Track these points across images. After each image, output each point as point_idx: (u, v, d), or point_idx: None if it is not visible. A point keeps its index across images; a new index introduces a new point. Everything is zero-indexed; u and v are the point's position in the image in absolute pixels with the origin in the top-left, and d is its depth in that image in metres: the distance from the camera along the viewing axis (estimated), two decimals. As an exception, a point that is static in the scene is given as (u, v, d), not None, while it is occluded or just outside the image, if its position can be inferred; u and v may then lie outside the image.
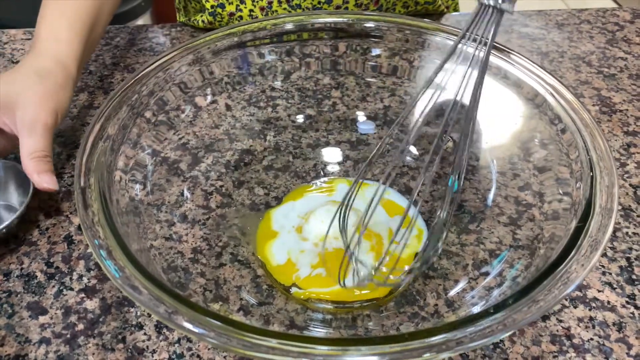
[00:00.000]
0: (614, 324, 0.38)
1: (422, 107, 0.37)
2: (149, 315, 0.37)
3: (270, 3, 0.62)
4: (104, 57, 0.62)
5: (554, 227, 0.34)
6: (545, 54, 0.64)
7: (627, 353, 0.36)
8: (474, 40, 0.33)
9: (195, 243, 0.39)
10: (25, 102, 0.42)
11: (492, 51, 0.42)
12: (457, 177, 0.35)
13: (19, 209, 0.41)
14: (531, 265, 0.33)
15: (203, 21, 0.66)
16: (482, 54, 0.33)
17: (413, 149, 0.47)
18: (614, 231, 0.44)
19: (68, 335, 0.36)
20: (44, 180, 0.41)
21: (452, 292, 0.36)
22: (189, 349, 0.36)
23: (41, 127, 0.42)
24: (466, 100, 0.36)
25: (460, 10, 0.74)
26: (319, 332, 0.35)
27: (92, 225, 0.29)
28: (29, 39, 0.65)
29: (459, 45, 0.33)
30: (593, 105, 0.57)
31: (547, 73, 0.40)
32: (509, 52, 0.42)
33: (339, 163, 0.48)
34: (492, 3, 0.31)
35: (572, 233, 0.30)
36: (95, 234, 0.29)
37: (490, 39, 0.32)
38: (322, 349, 0.25)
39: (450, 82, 0.43)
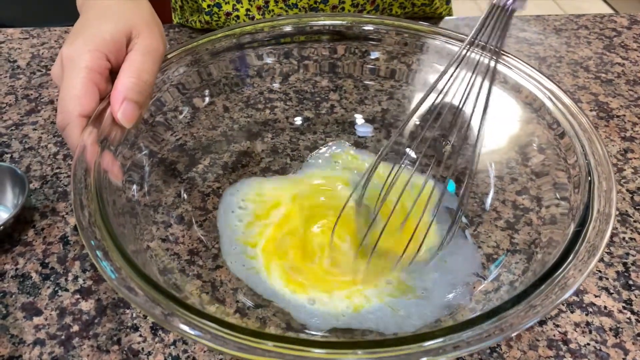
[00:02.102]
0: (610, 329, 0.38)
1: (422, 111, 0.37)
2: (145, 317, 0.37)
3: (267, 2, 0.62)
4: (101, 57, 0.62)
5: (552, 232, 0.34)
6: (543, 58, 0.64)
7: (623, 358, 0.36)
8: (482, 47, 0.33)
9: (192, 245, 0.39)
10: (147, 30, 0.38)
11: (490, 55, 0.42)
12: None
13: (14, 209, 0.41)
14: (528, 270, 0.33)
15: (200, 21, 0.66)
16: (492, 63, 0.33)
17: (412, 153, 0.47)
18: (611, 236, 0.44)
19: (63, 337, 0.36)
20: (123, 109, 0.34)
21: (449, 296, 0.36)
22: (185, 351, 0.35)
23: (158, 55, 0.37)
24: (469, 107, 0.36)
25: (454, 15, 0.75)
26: (315, 335, 0.35)
27: (89, 226, 0.29)
28: (27, 38, 0.65)
29: (465, 51, 0.34)
30: (590, 110, 0.57)
31: (546, 77, 0.40)
32: (508, 56, 0.42)
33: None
34: (502, 3, 0.31)
35: (569, 238, 0.30)
36: (92, 234, 0.29)
37: (499, 45, 0.32)
38: (319, 351, 0.25)
39: (453, 87, 0.44)
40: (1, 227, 0.40)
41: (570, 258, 0.28)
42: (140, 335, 0.36)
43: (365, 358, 0.25)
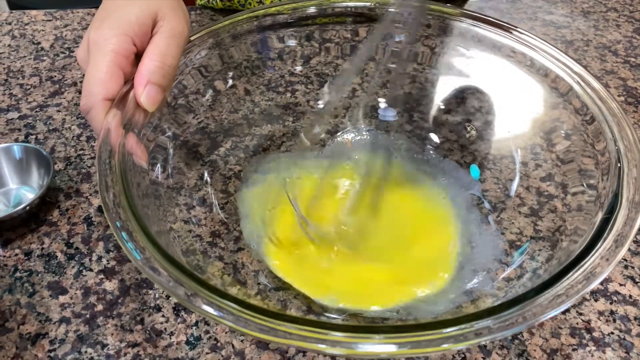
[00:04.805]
0: (635, 319, 0.37)
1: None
2: (167, 298, 0.38)
3: None
4: (123, 39, 0.62)
5: (577, 220, 0.34)
6: (570, 42, 0.63)
7: (647, 348, 0.35)
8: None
9: (214, 227, 0.39)
10: (172, 14, 0.37)
11: (516, 37, 0.42)
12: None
13: (40, 190, 0.42)
14: (553, 258, 0.33)
15: (222, 0, 0.66)
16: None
17: (434, 137, 0.46)
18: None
19: (87, 316, 0.37)
20: (147, 92, 0.35)
21: (470, 283, 0.36)
22: (207, 332, 0.36)
23: (182, 39, 0.37)
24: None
25: None
26: (336, 318, 0.35)
27: (114, 207, 0.29)
28: (50, 20, 0.66)
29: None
30: (619, 95, 0.56)
31: (574, 61, 0.39)
32: (534, 39, 0.41)
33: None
34: None
35: (597, 226, 0.29)
36: (117, 216, 0.29)
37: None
38: (339, 335, 0.25)
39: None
40: (27, 208, 0.41)
41: (597, 247, 0.28)
42: (163, 316, 0.37)
43: (385, 343, 0.25)
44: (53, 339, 0.35)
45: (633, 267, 0.40)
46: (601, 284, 0.39)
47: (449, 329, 0.25)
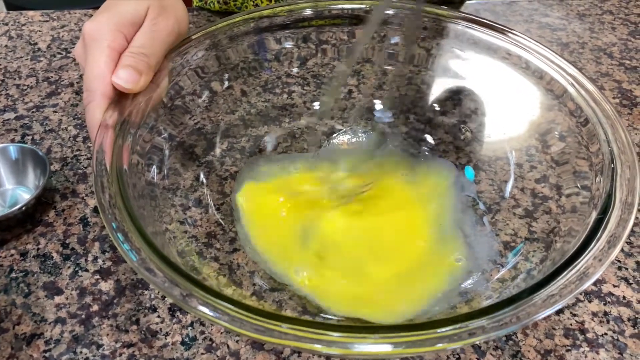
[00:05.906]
0: (629, 320, 0.37)
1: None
2: (163, 298, 0.38)
3: None
4: (120, 40, 0.62)
5: (572, 221, 0.34)
6: (565, 44, 0.63)
7: (641, 349, 0.36)
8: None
9: (210, 228, 0.39)
10: (160, 11, 0.39)
11: (512, 40, 0.42)
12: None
13: (36, 190, 0.42)
14: (547, 259, 0.33)
15: (218, 2, 0.66)
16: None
17: (430, 138, 0.46)
18: (632, 226, 0.43)
19: (83, 316, 0.37)
20: (116, 74, 0.35)
21: (465, 284, 0.36)
22: (202, 332, 0.36)
23: (164, 34, 0.39)
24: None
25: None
26: (331, 318, 0.35)
27: (110, 207, 0.29)
28: (47, 21, 0.66)
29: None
30: (613, 97, 0.56)
31: (569, 63, 0.39)
32: (529, 41, 0.41)
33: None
34: None
35: (590, 227, 0.30)
36: (112, 217, 0.29)
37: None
38: (334, 335, 0.25)
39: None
40: (23, 208, 0.41)
41: (590, 248, 0.28)
42: (159, 316, 0.37)
43: (381, 342, 0.25)
44: (48, 340, 0.35)
45: (627, 269, 0.40)
46: (595, 285, 0.39)
47: (443, 329, 0.25)
